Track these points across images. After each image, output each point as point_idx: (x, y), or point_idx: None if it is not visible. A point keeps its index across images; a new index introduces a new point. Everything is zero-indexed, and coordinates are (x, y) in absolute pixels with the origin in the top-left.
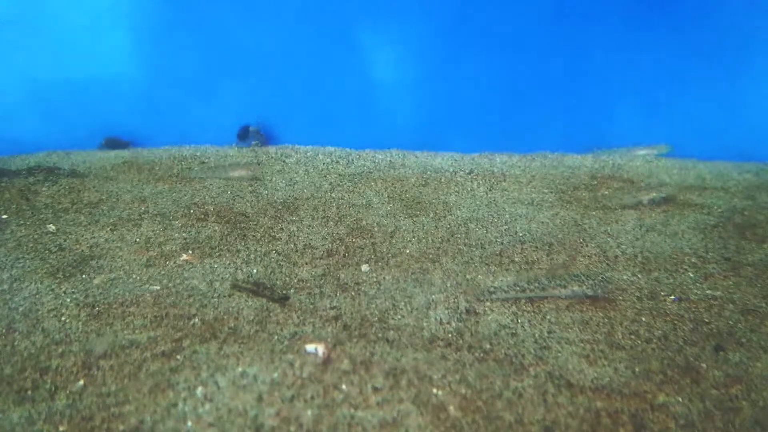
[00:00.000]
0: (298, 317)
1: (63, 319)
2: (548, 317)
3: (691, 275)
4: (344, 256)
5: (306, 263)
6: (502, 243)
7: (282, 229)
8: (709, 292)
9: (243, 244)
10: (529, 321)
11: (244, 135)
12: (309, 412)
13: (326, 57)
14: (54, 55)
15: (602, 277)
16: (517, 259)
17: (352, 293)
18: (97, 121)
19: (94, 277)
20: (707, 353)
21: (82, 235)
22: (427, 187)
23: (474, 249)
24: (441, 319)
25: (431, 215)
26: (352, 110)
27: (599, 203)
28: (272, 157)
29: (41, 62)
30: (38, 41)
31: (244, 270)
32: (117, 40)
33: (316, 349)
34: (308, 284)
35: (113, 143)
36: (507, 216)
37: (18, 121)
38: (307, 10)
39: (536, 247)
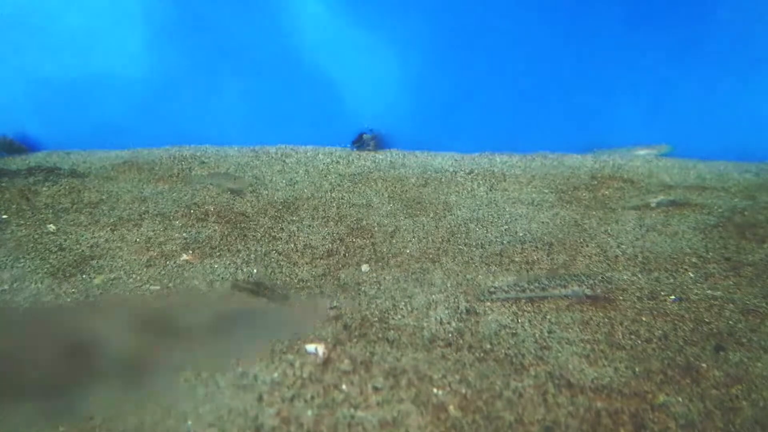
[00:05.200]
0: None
1: None
2: (548, 317)
3: (692, 275)
4: (344, 256)
5: (306, 263)
6: (503, 243)
7: (282, 229)
8: (709, 292)
9: (243, 244)
10: (529, 321)
11: (359, 141)
12: (309, 412)
13: (326, 57)
14: (53, 54)
15: (602, 277)
16: (517, 259)
17: (353, 293)
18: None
19: (95, 277)
20: (707, 353)
21: (83, 235)
22: (427, 187)
23: (474, 249)
24: (441, 319)
25: (431, 215)
26: (350, 110)
27: (599, 203)
28: (272, 157)
29: (40, 62)
30: (37, 41)
31: (245, 270)
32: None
33: (316, 349)
34: (308, 284)
35: (8, 147)
36: (507, 216)
37: (17, 121)
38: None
39: (536, 247)
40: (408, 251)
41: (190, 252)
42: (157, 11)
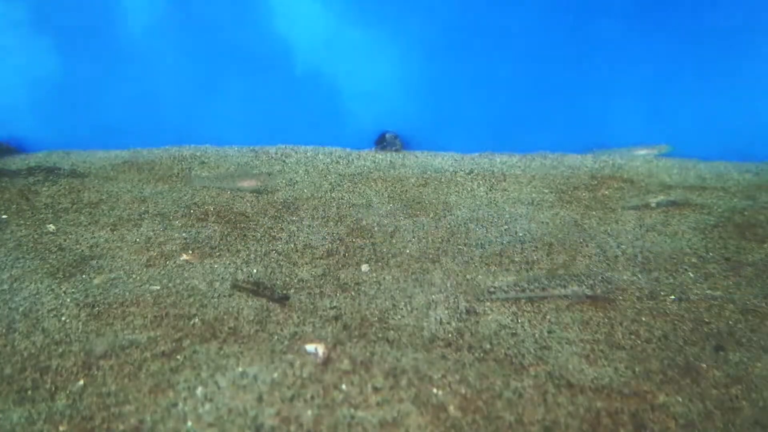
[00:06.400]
0: (298, 317)
1: (63, 319)
2: (548, 317)
3: (691, 275)
4: (344, 256)
5: (306, 263)
6: (502, 243)
7: (282, 229)
8: (709, 292)
9: (243, 244)
10: (529, 321)
11: (381, 141)
12: (309, 412)
13: (326, 58)
14: (52, 54)
15: (602, 277)
16: (517, 259)
17: (352, 293)
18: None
19: (94, 277)
20: (707, 353)
21: (82, 235)
22: (427, 187)
23: (474, 249)
24: (441, 319)
25: (431, 215)
26: (352, 111)
27: (599, 203)
28: (272, 157)
29: (39, 62)
30: (38, 41)
31: (244, 270)
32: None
33: (316, 349)
34: (308, 284)
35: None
36: (507, 216)
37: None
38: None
39: (536, 247)
40: (408, 251)
41: (190, 252)
42: (157, 11)
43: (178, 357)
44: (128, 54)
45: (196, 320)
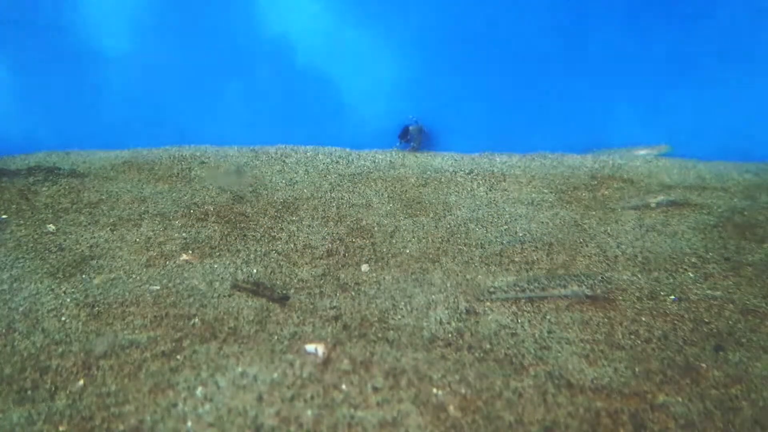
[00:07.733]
0: (298, 317)
1: (63, 319)
2: (548, 317)
3: (691, 275)
4: (344, 256)
5: (306, 263)
6: (502, 243)
7: (282, 229)
8: (709, 292)
9: (243, 244)
10: (529, 321)
11: (404, 135)
12: (309, 412)
13: (325, 57)
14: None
15: (602, 277)
16: (517, 259)
17: (352, 293)
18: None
19: (94, 277)
20: (707, 353)
21: (82, 235)
22: (427, 187)
23: (474, 249)
24: (441, 319)
25: (431, 215)
26: (352, 110)
27: (599, 203)
28: (272, 157)
29: (44, 62)
30: (38, 41)
31: (244, 270)
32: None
33: (316, 349)
34: (308, 284)
35: None
36: (507, 216)
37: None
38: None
39: (536, 247)
40: (408, 251)
41: (190, 252)
42: (157, 11)
43: (178, 357)
44: (128, 53)
45: (196, 320)
